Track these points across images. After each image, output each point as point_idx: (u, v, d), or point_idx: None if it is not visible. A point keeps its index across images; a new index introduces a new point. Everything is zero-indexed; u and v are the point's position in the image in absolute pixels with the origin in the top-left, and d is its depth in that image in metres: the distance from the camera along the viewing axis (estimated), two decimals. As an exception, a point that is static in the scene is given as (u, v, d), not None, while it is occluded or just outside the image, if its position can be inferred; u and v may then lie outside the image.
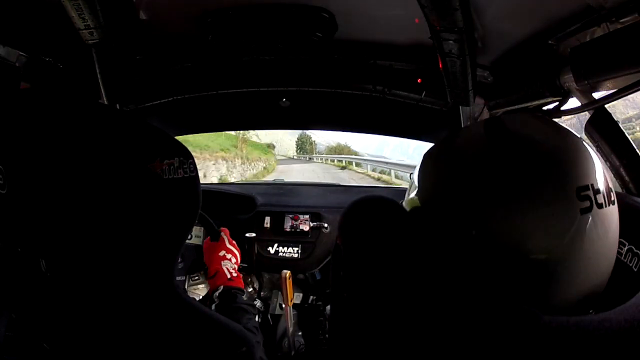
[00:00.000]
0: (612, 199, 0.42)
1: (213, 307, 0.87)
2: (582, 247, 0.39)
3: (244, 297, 0.89)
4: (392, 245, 0.38)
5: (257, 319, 0.86)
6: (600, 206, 0.39)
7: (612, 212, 0.41)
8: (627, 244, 0.49)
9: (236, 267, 0.97)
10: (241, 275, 0.95)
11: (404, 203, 0.52)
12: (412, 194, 0.49)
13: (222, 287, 0.88)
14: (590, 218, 0.39)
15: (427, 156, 0.50)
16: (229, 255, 0.96)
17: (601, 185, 0.40)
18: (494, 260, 0.39)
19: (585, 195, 0.39)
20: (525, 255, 0.38)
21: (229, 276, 0.91)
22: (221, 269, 0.92)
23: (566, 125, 0.48)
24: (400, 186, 2.05)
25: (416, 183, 0.49)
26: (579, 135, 0.45)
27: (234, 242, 1.02)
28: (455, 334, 0.32)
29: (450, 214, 0.42)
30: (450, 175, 0.44)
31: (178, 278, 1.24)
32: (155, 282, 0.50)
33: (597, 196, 0.39)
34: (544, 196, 0.39)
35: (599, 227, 0.39)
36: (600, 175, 0.41)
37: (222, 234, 1.01)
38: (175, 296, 0.50)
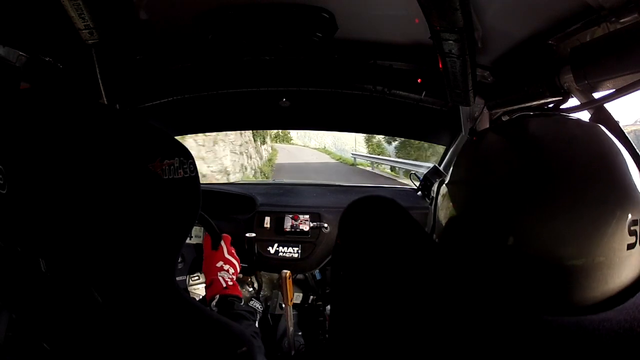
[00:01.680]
0: None
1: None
2: (620, 283, 0.37)
3: (242, 304, 0.89)
4: (392, 244, 0.38)
5: (256, 324, 0.86)
6: None
7: None
8: None
9: (234, 276, 0.97)
10: (237, 284, 0.95)
11: (438, 215, 0.50)
12: (445, 206, 0.47)
13: (217, 295, 0.89)
14: (633, 255, 0.37)
15: (466, 153, 0.48)
16: (226, 267, 0.96)
17: None
18: (527, 266, 0.37)
19: (634, 231, 0.36)
20: (559, 261, 0.36)
21: (224, 285, 0.91)
22: (216, 278, 0.93)
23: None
24: (401, 186, 2.05)
25: (454, 175, 0.48)
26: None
27: (233, 251, 1.01)
28: (455, 334, 0.32)
29: (489, 223, 0.40)
30: (488, 181, 0.42)
31: (178, 278, 1.25)
32: (155, 282, 0.50)
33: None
34: (595, 228, 0.36)
35: (635, 262, 0.38)
36: None
37: (222, 242, 1.01)
38: (176, 296, 0.50)
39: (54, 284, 0.46)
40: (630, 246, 0.36)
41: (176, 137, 0.52)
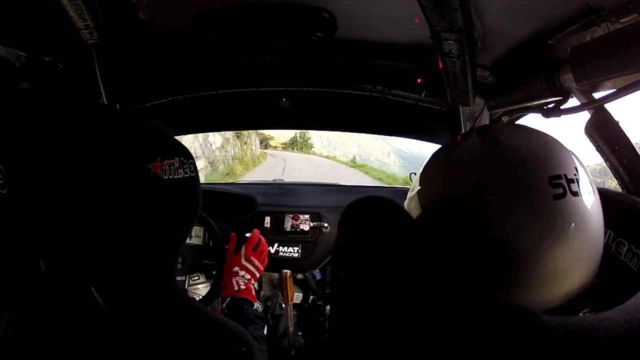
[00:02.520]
0: (591, 191, 0.44)
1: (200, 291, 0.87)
2: (562, 234, 0.40)
3: (253, 309, 0.89)
4: (392, 244, 0.38)
5: (264, 330, 0.86)
6: (575, 194, 0.41)
7: (591, 202, 0.43)
8: (627, 243, 0.49)
9: (252, 282, 0.97)
10: (252, 289, 0.95)
11: (405, 206, 0.53)
12: (414, 200, 0.51)
13: (229, 298, 0.90)
14: (566, 204, 0.40)
15: (428, 165, 0.52)
16: (242, 272, 0.97)
17: (577, 177, 0.42)
18: (488, 259, 0.41)
19: (558, 183, 0.41)
20: (513, 250, 0.40)
21: (236, 288, 0.92)
22: (231, 281, 0.93)
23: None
24: (401, 186, 2.05)
25: (417, 187, 0.51)
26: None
27: (253, 258, 1.00)
28: (454, 334, 0.32)
29: (449, 217, 0.44)
30: (448, 183, 0.47)
31: (178, 278, 1.25)
32: (155, 282, 0.50)
33: (572, 185, 0.41)
34: (521, 190, 0.41)
35: (577, 214, 0.41)
36: (575, 168, 0.43)
37: (243, 249, 1.00)
38: (176, 296, 0.50)
39: (53, 283, 0.46)
40: (558, 196, 0.40)
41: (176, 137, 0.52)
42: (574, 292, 0.42)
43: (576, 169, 0.43)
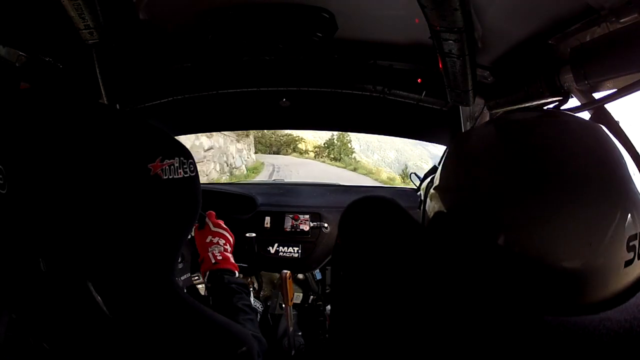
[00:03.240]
0: None
1: (205, 293, 0.84)
2: (617, 296, 0.36)
3: (235, 277, 0.86)
4: (392, 244, 0.38)
5: (251, 298, 0.83)
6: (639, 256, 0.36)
7: None
8: None
9: (228, 247, 0.93)
10: (229, 257, 0.91)
11: (426, 206, 0.50)
12: (434, 200, 0.46)
13: (208, 271, 0.87)
14: (631, 271, 0.36)
15: (454, 153, 0.47)
16: (215, 239, 0.93)
17: None
18: (518, 267, 0.36)
19: (633, 246, 0.35)
20: (555, 264, 0.35)
21: (213, 260, 0.88)
22: (206, 255, 0.90)
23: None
24: (401, 186, 2.05)
25: (441, 179, 0.47)
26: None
27: (220, 222, 0.98)
28: (456, 334, 0.32)
29: (478, 222, 0.39)
30: (478, 179, 0.40)
31: (179, 277, 1.24)
32: (155, 282, 0.50)
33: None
34: (598, 249, 0.34)
35: (634, 273, 0.37)
36: None
37: (207, 219, 0.98)
38: (175, 296, 0.50)
39: (53, 284, 0.46)
40: (628, 263, 0.35)
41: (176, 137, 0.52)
42: (605, 301, 0.37)
43: None
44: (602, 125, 0.43)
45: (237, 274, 0.87)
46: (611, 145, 0.40)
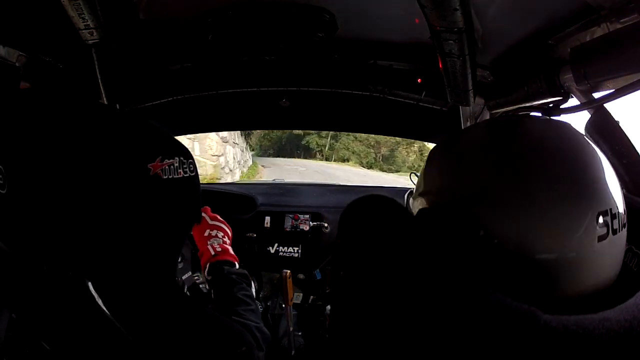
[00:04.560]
0: (625, 221, 0.40)
1: (206, 287, 0.83)
2: (595, 272, 0.38)
3: (235, 268, 0.85)
4: (392, 243, 0.38)
5: (252, 289, 0.82)
6: (615, 232, 0.37)
7: (623, 236, 0.39)
8: (627, 244, 0.49)
9: (227, 240, 0.93)
10: (229, 249, 0.90)
11: (410, 203, 0.52)
12: (419, 196, 0.48)
13: (208, 264, 0.86)
14: (606, 246, 0.37)
15: (433, 158, 0.49)
16: (214, 232, 0.92)
17: (620, 208, 0.38)
18: (500, 260, 0.38)
19: (605, 222, 0.36)
20: (532, 256, 0.37)
21: (213, 253, 0.87)
22: (206, 248, 0.89)
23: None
24: (401, 187, 2.05)
25: (422, 184, 0.48)
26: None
27: (216, 215, 0.97)
28: (454, 334, 0.32)
29: (459, 215, 0.41)
30: (458, 178, 0.43)
31: (181, 277, 1.24)
32: (156, 281, 0.50)
33: (614, 221, 0.37)
34: (564, 221, 0.36)
35: (612, 253, 0.38)
36: (619, 195, 0.39)
37: (203, 214, 0.97)
38: (176, 295, 0.50)
39: (54, 283, 0.46)
40: (602, 238, 0.36)
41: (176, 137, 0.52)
42: (590, 296, 0.39)
43: (619, 196, 0.38)
44: (568, 123, 0.46)
45: (237, 265, 0.87)
46: (584, 145, 0.42)
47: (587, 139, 0.43)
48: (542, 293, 0.37)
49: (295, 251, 1.45)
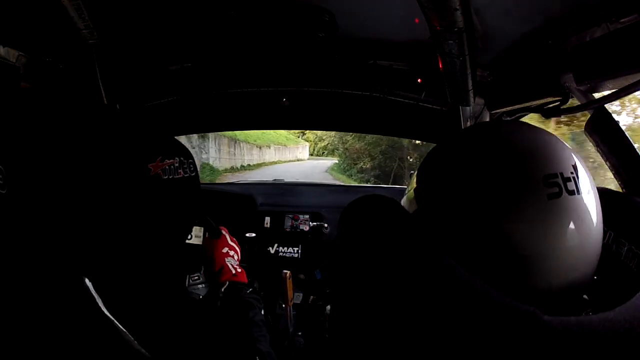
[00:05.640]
0: (590, 190, 0.43)
1: (218, 303, 0.86)
2: (559, 233, 0.40)
3: (248, 292, 0.88)
4: (392, 243, 0.38)
5: (262, 313, 0.85)
6: (571, 193, 0.41)
7: (588, 200, 0.42)
8: (627, 244, 0.49)
9: (238, 263, 0.97)
10: (244, 272, 0.94)
11: (402, 203, 0.53)
12: (411, 198, 0.50)
13: (227, 282, 0.87)
14: (561, 204, 0.40)
15: (424, 164, 0.52)
16: (231, 252, 0.96)
17: (574, 175, 0.42)
18: (483, 258, 0.41)
19: (553, 182, 0.40)
20: (509, 247, 0.40)
21: (233, 272, 0.90)
22: (226, 264, 0.92)
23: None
24: (401, 186, 2.05)
25: (414, 185, 0.51)
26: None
27: (234, 239, 1.02)
28: (454, 333, 0.32)
29: (444, 215, 0.44)
30: (444, 180, 0.46)
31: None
32: (156, 282, 0.50)
33: (568, 184, 0.41)
34: (516, 188, 0.41)
35: (573, 213, 0.41)
36: (573, 166, 0.43)
37: (223, 231, 1.01)
38: (176, 296, 0.50)
39: (53, 283, 0.46)
40: (553, 196, 0.40)
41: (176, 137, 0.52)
42: (571, 290, 0.42)
43: (574, 167, 0.43)
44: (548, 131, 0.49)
45: (250, 288, 0.90)
46: (542, 141, 0.45)
47: (549, 134, 0.47)
48: (520, 283, 0.40)
49: (295, 251, 1.45)
